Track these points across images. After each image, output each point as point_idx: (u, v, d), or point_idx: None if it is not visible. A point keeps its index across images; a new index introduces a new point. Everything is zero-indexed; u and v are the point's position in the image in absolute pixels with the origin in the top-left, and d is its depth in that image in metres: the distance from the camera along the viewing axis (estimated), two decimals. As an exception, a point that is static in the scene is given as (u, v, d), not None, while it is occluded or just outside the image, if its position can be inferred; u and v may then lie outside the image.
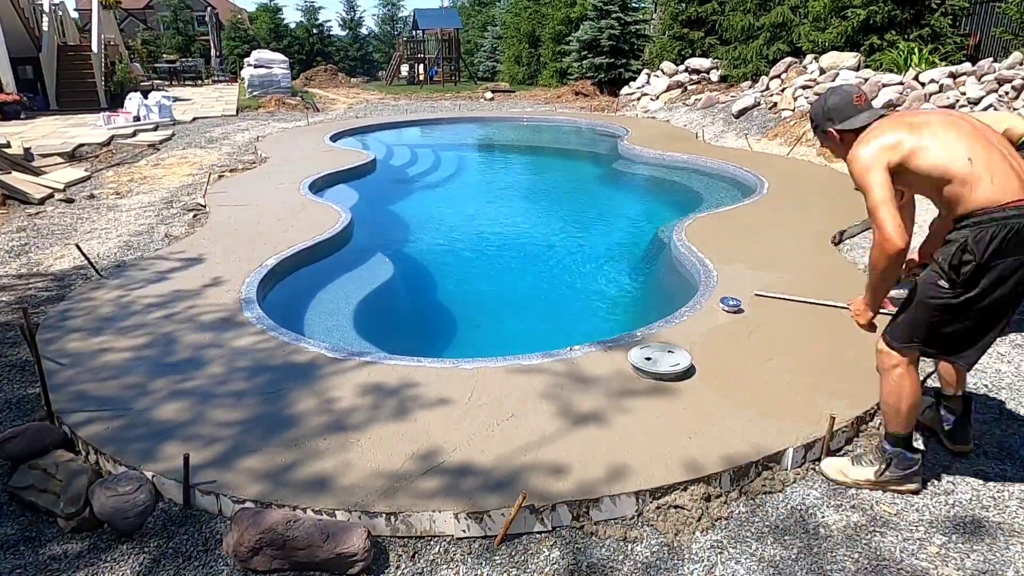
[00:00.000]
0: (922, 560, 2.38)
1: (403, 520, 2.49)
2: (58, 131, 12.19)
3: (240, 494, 2.58)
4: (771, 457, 2.81)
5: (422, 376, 3.42)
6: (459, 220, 8.00)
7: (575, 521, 2.55)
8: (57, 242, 6.19)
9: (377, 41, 42.88)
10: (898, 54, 10.76)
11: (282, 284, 5.16)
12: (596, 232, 7.59)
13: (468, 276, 6.24)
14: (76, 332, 4.04)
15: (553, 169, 11.55)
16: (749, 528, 2.55)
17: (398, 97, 21.34)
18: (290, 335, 3.94)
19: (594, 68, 18.63)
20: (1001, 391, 3.46)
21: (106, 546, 2.51)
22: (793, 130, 10.45)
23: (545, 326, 5.15)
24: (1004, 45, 10.65)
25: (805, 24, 13.01)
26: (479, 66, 29.62)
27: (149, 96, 14.14)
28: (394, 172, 10.47)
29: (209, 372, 3.52)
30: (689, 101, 14.18)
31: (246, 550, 2.32)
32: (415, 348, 4.05)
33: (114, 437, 2.96)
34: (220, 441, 2.91)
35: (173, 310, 4.34)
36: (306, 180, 8.05)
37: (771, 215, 6.39)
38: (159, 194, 7.98)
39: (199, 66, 26.54)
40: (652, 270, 6.22)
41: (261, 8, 36.90)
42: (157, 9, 38.46)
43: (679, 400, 3.19)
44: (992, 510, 2.63)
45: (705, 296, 4.43)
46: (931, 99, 8.78)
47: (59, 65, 16.31)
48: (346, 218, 6.37)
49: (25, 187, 7.75)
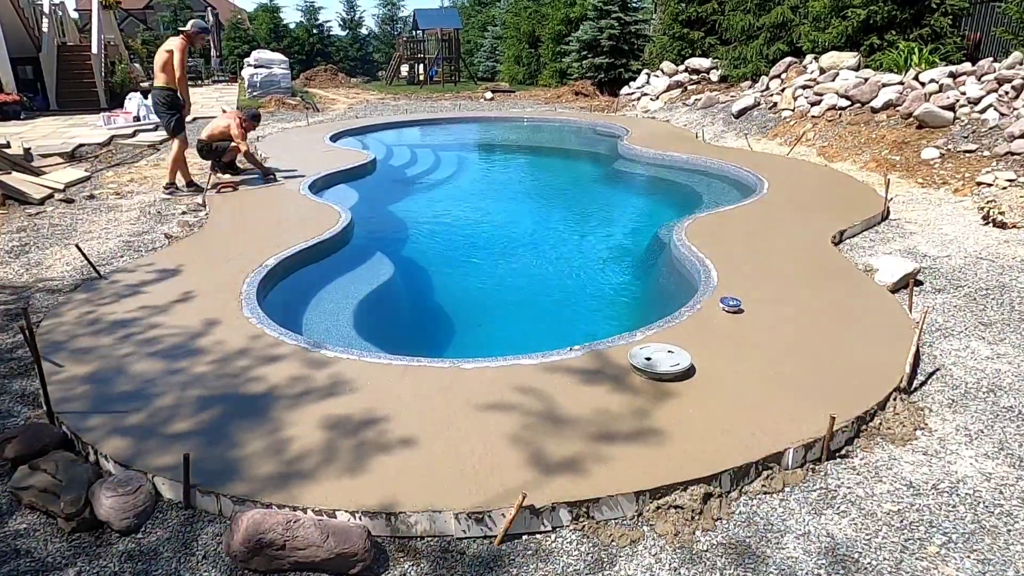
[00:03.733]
0: (922, 560, 2.38)
1: (403, 520, 2.49)
2: (58, 131, 12.18)
3: (240, 494, 2.58)
4: (771, 457, 2.81)
5: (421, 377, 3.42)
6: (459, 220, 8.00)
7: (575, 521, 2.55)
8: (57, 242, 6.19)
9: (377, 41, 42.86)
10: (898, 54, 10.76)
11: (282, 284, 5.16)
12: (596, 232, 7.59)
13: (467, 276, 6.24)
14: (76, 333, 4.04)
15: (553, 169, 11.54)
16: (749, 528, 2.55)
17: (398, 97, 21.33)
18: (291, 335, 3.94)
19: (594, 68, 18.63)
20: (1001, 391, 3.46)
21: (106, 546, 2.51)
22: (793, 130, 10.46)
23: (545, 326, 5.15)
24: (1004, 45, 10.65)
25: (805, 24, 13.01)
26: (479, 66, 29.61)
27: (149, 96, 14.11)
28: (394, 172, 10.47)
29: (210, 372, 3.52)
30: (689, 101, 14.18)
31: (246, 550, 2.32)
32: (415, 348, 4.05)
33: (114, 437, 2.96)
34: (220, 441, 2.91)
35: (173, 310, 4.34)
36: (306, 180, 8.05)
37: (771, 215, 6.39)
38: (159, 194, 7.98)
39: (199, 66, 26.52)
40: (652, 270, 6.22)
41: (261, 8, 36.91)
42: (157, 9, 38.46)
43: (679, 400, 3.19)
44: (992, 510, 2.63)
45: (705, 296, 4.43)
46: (931, 99, 8.78)
47: (59, 65, 16.29)
48: (346, 218, 6.37)
49: (25, 187, 7.75)
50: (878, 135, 8.98)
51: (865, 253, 5.50)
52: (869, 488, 2.75)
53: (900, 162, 8.16)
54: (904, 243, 5.71)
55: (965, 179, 7.23)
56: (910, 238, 5.84)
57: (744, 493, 2.72)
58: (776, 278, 4.76)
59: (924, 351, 3.87)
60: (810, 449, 2.89)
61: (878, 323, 4.04)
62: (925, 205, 6.79)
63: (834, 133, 9.64)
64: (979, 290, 4.68)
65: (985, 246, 5.52)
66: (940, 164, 7.73)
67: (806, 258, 5.20)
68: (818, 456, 2.91)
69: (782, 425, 2.98)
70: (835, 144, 9.35)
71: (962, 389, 3.48)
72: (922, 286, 4.80)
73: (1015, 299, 4.52)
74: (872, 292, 4.53)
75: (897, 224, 6.25)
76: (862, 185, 7.49)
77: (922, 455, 2.96)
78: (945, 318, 4.30)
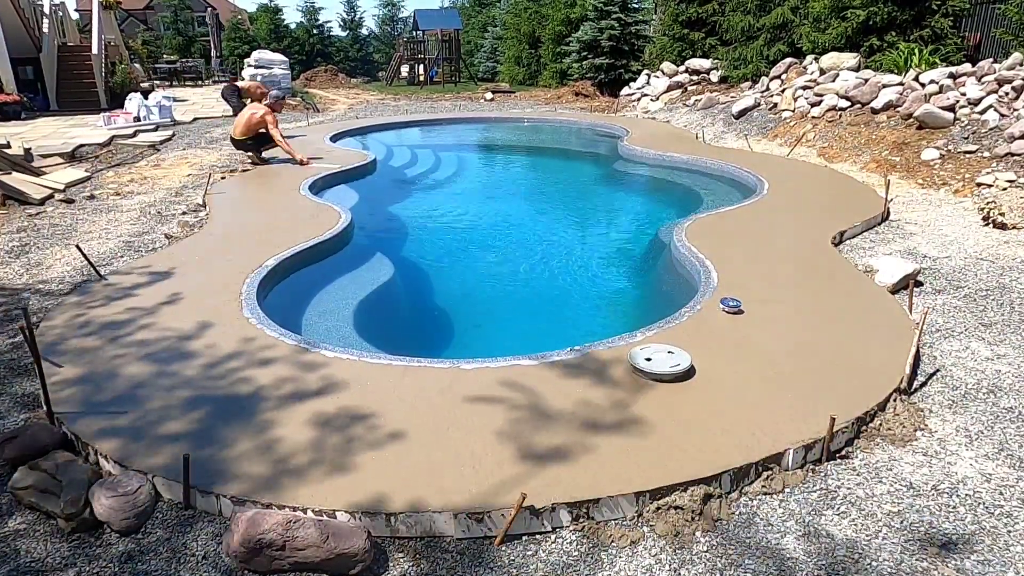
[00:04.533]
0: (922, 561, 2.38)
1: (403, 520, 2.49)
2: (58, 131, 12.19)
3: (240, 494, 2.58)
4: (771, 458, 2.81)
5: (422, 377, 3.42)
6: (458, 220, 8.01)
7: (575, 522, 2.55)
8: (57, 243, 6.19)
9: (377, 42, 42.90)
10: (898, 55, 10.77)
11: (283, 284, 5.16)
12: (596, 232, 7.59)
13: (467, 276, 6.23)
14: (76, 333, 4.04)
15: (553, 170, 11.54)
16: (749, 529, 2.55)
17: (398, 98, 21.34)
18: (293, 336, 3.94)
19: (594, 69, 18.64)
20: (1001, 392, 3.46)
21: (105, 547, 2.50)
22: (793, 131, 10.46)
23: (544, 326, 5.15)
24: (1004, 46, 10.65)
25: (805, 25, 13.01)
26: (479, 67, 29.63)
27: (149, 96, 14.14)
28: (394, 172, 10.47)
29: (209, 373, 3.52)
30: (689, 102, 14.18)
31: (246, 551, 2.31)
32: (414, 348, 4.05)
33: (114, 437, 2.96)
34: (220, 441, 2.90)
35: (173, 311, 4.34)
36: (306, 181, 8.05)
37: (771, 216, 6.39)
38: (159, 195, 7.98)
39: (199, 67, 26.54)
40: (652, 271, 6.22)
41: (261, 9, 36.95)
42: (157, 10, 38.44)
43: (679, 401, 3.19)
44: (992, 511, 2.63)
45: (705, 296, 4.43)
46: (931, 100, 8.78)
47: (59, 66, 16.31)
48: (346, 219, 6.37)
49: (25, 187, 7.75)
50: (878, 136, 8.98)
51: (865, 254, 5.50)
52: (869, 489, 2.75)
53: (900, 163, 8.16)
54: (904, 244, 5.71)
55: (965, 180, 7.23)
56: (910, 239, 5.84)
57: (744, 494, 2.72)
58: (776, 279, 4.76)
59: (924, 352, 3.87)
60: (810, 450, 2.89)
61: (878, 324, 4.04)
62: (925, 206, 6.79)
63: (834, 134, 9.64)
64: (979, 291, 4.68)
65: (985, 247, 5.52)
66: (940, 165, 7.73)
67: (806, 259, 5.20)
68: (818, 457, 2.91)
69: (782, 425, 2.98)
70: (835, 145, 9.35)
71: (962, 390, 3.48)
72: (922, 287, 4.80)
73: (1015, 300, 4.52)
74: (872, 293, 4.53)
75: (897, 225, 6.25)
76: (862, 186, 7.49)
77: (922, 456, 2.96)
78: (945, 319, 4.30)
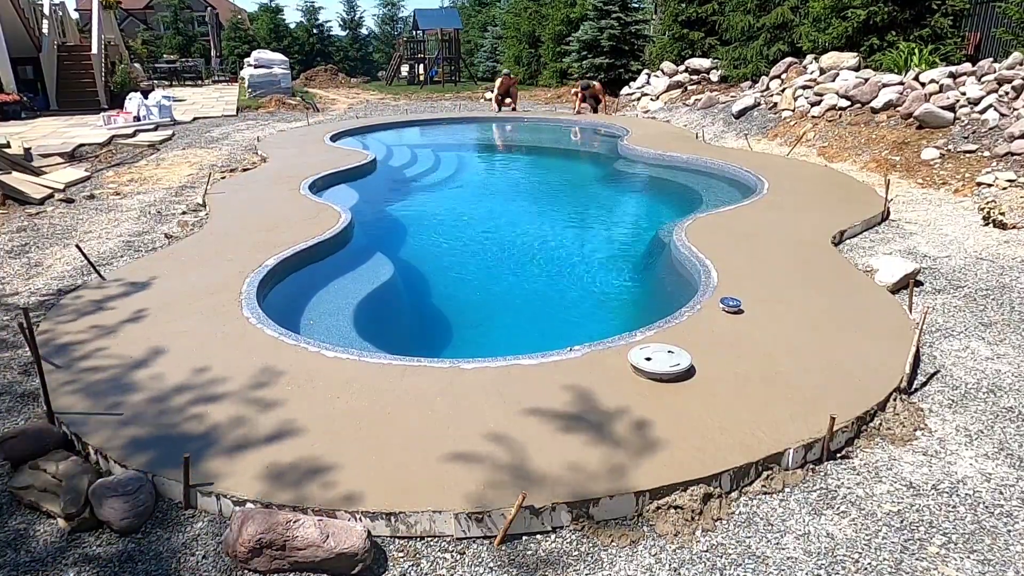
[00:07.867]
0: (922, 560, 2.38)
1: (403, 520, 2.49)
2: (58, 131, 12.18)
3: (240, 494, 2.58)
4: (771, 457, 2.81)
5: (419, 377, 3.42)
6: (458, 220, 8.00)
7: (575, 522, 2.55)
8: (57, 242, 6.19)
9: (377, 41, 42.85)
10: (898, 54, 10.76)
11: (282, 284, 5.16)
12: (596, 232, 7.59)
13: (466, 276, 6.23)
14: (76, 333, 4.04)
15: (553, 169, 11.54)
16: (749, 528, 2.55)
17: (398, 97, 21.34)
18: (292, 335, 3.94)
19: (594, 68, 18.63)
20: (1001, 391, 3.46)
21: (106, 546, 2.51)
22: (793, 130, 10.45)
23: (544, 326, 5.14)
24: (1004, 45, 10.65)
25: (805, 24, 13.01)
26: (479, 66, 29.60)
27: (149, 96, 14.14)
28: (394, 172, 10.47)
29: (209, 373, 3.52)
30: (689, 101, 14.18)
31: (246, 551, 2.32)
32: (413, 348, 4.05)
33: (114, 437, 2.96)
34: (220, 441, 2.90)
35: (173, 311, 4.34)
36: (306, 180, 8.05)
37: (771, 215, 6.39)
38: (159, 194, 7.98)
39: (199, 66, 26.53)
40: (652, 270, 6.22)
41: (261, 8, 36.92)
42: (157, 9, 38.42)
43: (679, 400, 3.19)
44: (992, 511, 2.63)
45: (705, 296, 4.43)
46: (931, 99, 8.78)
47: (59, 65, 16.30)
48: (346, 218, 6.37)
49: (25, 187, 7.75)
50: (878, 135, 8.98)
51: (865, 253, 5.49)
52: (869, 488, 2.75)
53: (900, 162, 8.16)
54: (904, 243, 5.71)
55: (965, 179, 7.23)
56: (910, 238, 5.84)
57: (744, 493, 2.72)
58: (776, 278, 4.76)
59: (924, 351, 3.87)
60: (810, 449, 2.89)
61: (878, 323, 4.03)
62: (925, 205, 6.79)
63: (834, 133, 9.64)
64: (979, 290, 4.68)
65: (985, 246, 5.52)
66: (940, 164, 7.73)
67: (806, 258, 5.20)
68: (818, 456, 2.91)
69: (782, 425, 2.98)
70: (835, 144, 9.35)
71: (962, 389, 3.48)
72: (922, 286, 4.80)
73: (1015, 299, 4.52)
74: (872, 292, 4.53)
75: (897, 224, 6.25)
76: (862, 185, 7.49)
77: (922, 455, 2.96)
78: (945, 318, 4.29)
